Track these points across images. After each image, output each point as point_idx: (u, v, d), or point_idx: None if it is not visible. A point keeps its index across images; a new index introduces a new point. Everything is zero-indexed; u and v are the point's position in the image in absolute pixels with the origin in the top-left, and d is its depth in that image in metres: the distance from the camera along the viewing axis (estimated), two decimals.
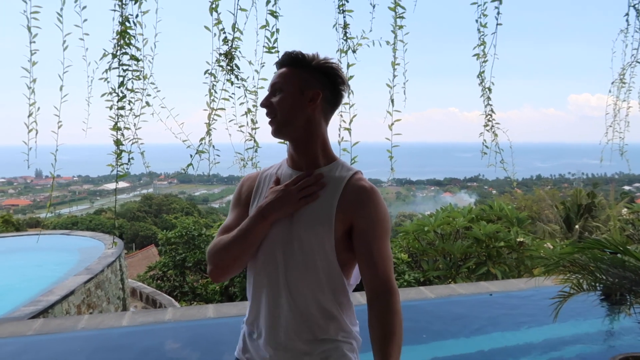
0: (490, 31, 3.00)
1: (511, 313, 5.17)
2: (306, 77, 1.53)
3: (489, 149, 3.11)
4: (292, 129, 1.55)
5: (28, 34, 2.57)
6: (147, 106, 2.76)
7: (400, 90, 3.02)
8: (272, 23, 2.91)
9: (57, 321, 5.07)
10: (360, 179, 1.55)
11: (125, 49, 2.65)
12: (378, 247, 1.50)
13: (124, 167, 2.73)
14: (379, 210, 1.52)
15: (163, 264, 11.53)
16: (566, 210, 20.99)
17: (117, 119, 2.69)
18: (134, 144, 2.77)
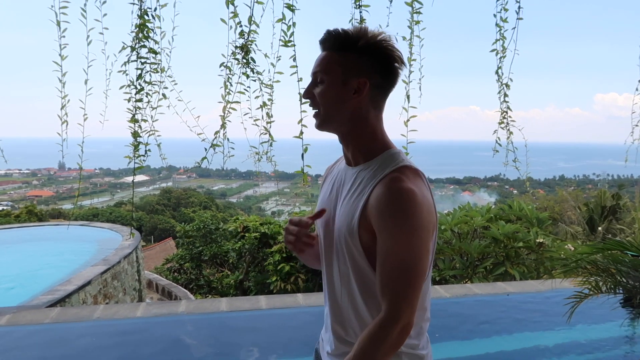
0: (510, 26, 2.92)
1: (528, 314, 5.08)
2: (350, 64, 1.36)
3: (503, 148, 3.03)
4: (336, 124, 1.42)
5: (57, 28, 2.60)
6: (164, 98, 2.76)
7: (416, 86, 2.97)
8: (289, 17, 2.88)
9: (73, 310, 5.15)
10: (393, 179, 1.31)
11: (143, 42, 2.66)
12: (392, 263, 1.29)
13: (141, 159, 2.74)
14: (402, 219, 1.27)
15: (180, 256, 11.66)
16: (589, 211, 20.56)
17: (135, 111, 2.70)
18: (151, 136, 2.77)
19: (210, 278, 11.33)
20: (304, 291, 8.47)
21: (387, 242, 1.29)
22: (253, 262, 9.63)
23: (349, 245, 1.38)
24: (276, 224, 9.83)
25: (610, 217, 19.77)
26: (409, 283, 1.27)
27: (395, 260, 1.27)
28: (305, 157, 2.96)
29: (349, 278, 1.42)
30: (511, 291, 5.72)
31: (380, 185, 1.32)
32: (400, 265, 1.27)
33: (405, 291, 1.27)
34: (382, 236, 1.30)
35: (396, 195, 1.28)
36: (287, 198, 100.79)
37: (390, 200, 1.28)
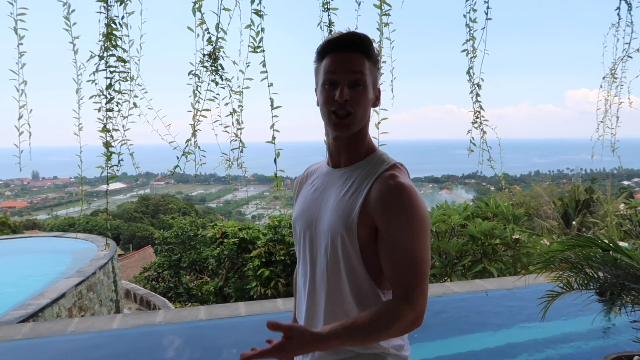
0: (480, 26, 2.95)
1: (506, 311, 5.16)
2: (376, 72, 1.43)
3: (477, 147, 3.06)
4: (359, 127, 1.44)
5: (16, 36, 2.53)
6: (134, 107, 2.71)
7: (388, 88, 2.97)
8: (257, 22, 2.86)
9: (46, 325, 5.01)
10: (391, 176, 1.37)
11: (111, 50, 2.61)
12: (403, 254, 1.32)
13: (114, 168, 2.69)
14: (408, 212, 1.33)
15: (158, 264, 11.50)
16: (564, 206, 21.01)
17: (106, 121, 2.65)
18: (124, 145, 2.72)
19: (189, 285, 11.19)
20: (285, 295, 8.42)
21: (396, 235, 1.33)
22: (232, 268, 9.55)
23: (345, 243, 1.39)
24: (255, 228, 9.78)
25: (584, 211, 20.24)
26: (421, 272, 1.32)
27: (405, 252, 1.32)
28: (281, 160, 2.95)
29: (340, 281, 1.42)
30: (489, 288, 5.79)
31: (379, 182, 1.37)
32: (410, 256, 1.32)
33: (418, 280, 1.31)
34: (389, 229, 1.33)
35: (399, 190, 1.34)
36: (266, 201, 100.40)
37: (395, 195, 1.33)
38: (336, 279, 1.42)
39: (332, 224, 1.41)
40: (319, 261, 1.47)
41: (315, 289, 1.48)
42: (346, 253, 1.39)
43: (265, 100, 2.76)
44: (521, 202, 22.16)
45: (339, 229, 1.39)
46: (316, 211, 1.50)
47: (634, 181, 76.21)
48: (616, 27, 3.05)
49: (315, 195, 1.53)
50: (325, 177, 1.53)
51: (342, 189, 1.44)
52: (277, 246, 8.73)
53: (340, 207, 1.41)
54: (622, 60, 3.15)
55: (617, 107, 3.32)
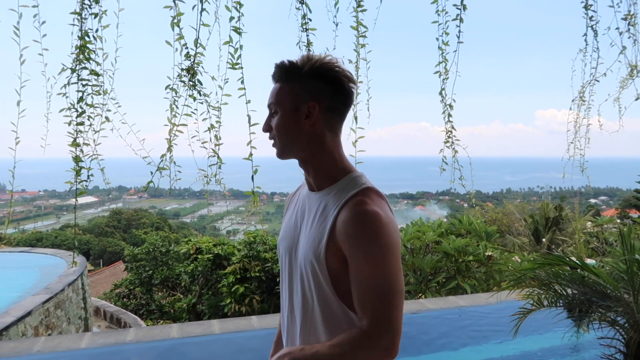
0: (452, 49, 3.04)
1: (479, 328, 5.20)
2: (298, 90, 1.39)
3: (449, 165, 3.13)
4: (294, 151, 1.44)
5: None
6: (107, 122, 2.68)
7: (364, 107, 3.02)
8: (236, 39, 2.88)
9: (10, 344, 4.83)
10: (358, 203, 1.32)
11: (84, 63, 2.58)
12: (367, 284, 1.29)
13: (84, 184, 2.63)
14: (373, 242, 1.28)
15: (129, 281, 11.23)
16: (535, 223, 21.45)
17: (76, 135, 2.60)
18: (94, 160, 2.67)
19: (161, 302, 10.95)
20: (259, 312, 8.33)
21: (361, 265, 1.29)
22: (206, 285, 9.40)
23: (315, 271, 1.37)
24: (230, 244, 9.66)
25: (554, 228, 20.69)
26: (387, 302, 1.27)
27: (371, 283, 1.28)
28: (258, 175, 2.95)
29: (313, 308, 1.41)
30: (462, 305, 5.85)
31: (345, 209, 1.33)
32: (375, 286, 1.28)
33: (386, 311, 1.27)
34: (355, 260, 1.30)
35: (363, 218, 1.29)
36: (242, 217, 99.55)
37: (358, 224, 1.29)
38: (310, 306, 1.42)
39: (305, 252, 1.41)
40: (295, 287, 1.47)
41: (294, 313, 1.49)
42: (317, 281, 1.38)
43: (242, 116, 2.77)
44: (493, 218, 22.52)
45: (309, 257, 1.38)
46: (295, 237, 1.49)
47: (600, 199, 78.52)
48: (583, 52, 3.19)
49: (296, 219, 1.53)
50: (304, 200, 1.52)
51: (314, 214, 1.43)
52: (252, 262, 8.65)
53: (311, 235, 1.40)
54: (589, 83, 3.28)
55: (586, 129, 3.45)
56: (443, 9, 2.97)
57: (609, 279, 2.40)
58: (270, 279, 8.70)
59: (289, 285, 1.49)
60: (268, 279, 8.66)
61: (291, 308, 1.49)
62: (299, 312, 1.45)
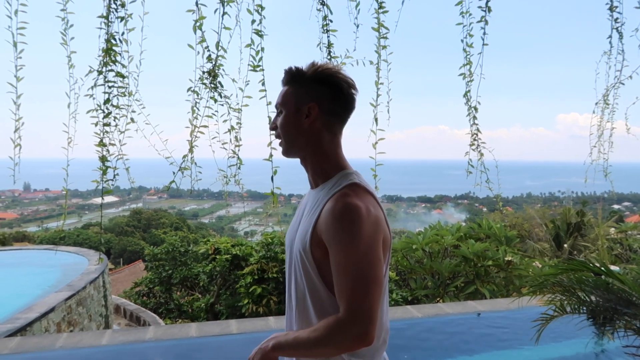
0: (476, 51, 3.01)
1: (498, 333, 5.14)
2: (300, 93, 1.52)
3: (475, 168, 3.10)
4: (297, 149, 1.56)
5: (14, 49, 2.55)
6: (132, 122, 2.73)
7: (384, 109, 3.02)
8: (257, 42, 2.91)
9: (34, 340, 4.93)
10: (341, 196, 1.42)
11: (110, 65, 2.63)
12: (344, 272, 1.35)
13: (109, 183, 2.69)
14: (349, 231, 1.36)
15: (149, 280, 11.37)
16: (556, 228, 21.08)
17: (103, 135, 2.66)
18: (119, 160, 2.73)
19: (180, 302, 11.06)
20: (277, 313, 8.34)
21: (339, 254, 1.37)
22: (224, 285, 9.46)
23: (304, 261, 1.47)
24: (248, 245, 9.72)
25: (576, 234, 20.31)
26: (363, 290, 1.33)
27: (346, 271, 1.35)
28: (277, 178, 2.97)
29: (305, 296, 1.50)
30: (481, 310, 5.77)
31: (330, 201, 1.43)
32: (352, 274, 1.34)
33: (359, 297, 1.32)
34: (333, 249, 1.39)
35: (342, 209, 1.38)
36: (259, 218, 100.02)
37: (336, 215, 1.38)
38: (302, 296, 1.52)
39: (296, 244, 1.52)
40: (292, 279, 1.58)
41: (291, 302, 1.59)
42: (306, 270, 1.47)
43: (261, 118, 2.80)
44: (513, 223, 22.20)
45: (298, 248, 1.49)
46: (294, 232, 1.60)
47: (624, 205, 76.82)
48: (608, 55, 3.13)
49: (298, 216, 1.64)
50: (307, 197, 1.63)
51: (310, 209, 1.53)
52: (269, 263, 8.68)
53: (302, 228, 1.51)
54: (614, 86, 3.22)
55: (610, 133, 3.38)
56: (467, 10, 2.95)
57: (634, 286, 2.34)
58: None
59: (288, 275, 1.60)
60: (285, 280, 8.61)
61: (289, 297, 1.60)
62: (294, 301, 1.56)
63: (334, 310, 1.42)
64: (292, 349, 1.44)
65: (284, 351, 1.45)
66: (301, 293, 1.51)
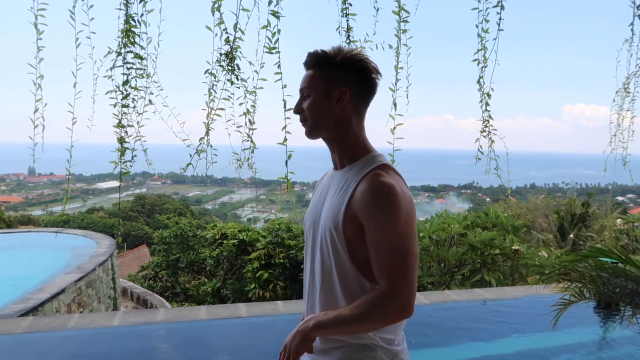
0: (491, 36, 2.98)
1: (505, 321, 5.16)
2: (331, 77, 1.54)
3: (485, 155, 3.08)
4: (322, 131, 1.59)
5: (35, 31, 2.54)
6: (149, 104, 2.73)
7: (403, 94, 3.00)
8: (274, 23, 2.88)
9: (46, 320, 4.99)
10: (375, 175, 1.47)
11: (129, 47, 2.62)
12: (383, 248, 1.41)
13: (127, 164, 2.70)
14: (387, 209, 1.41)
15: (156, 264, 11.45)
16: (560, 219, 21.08)
17: (121, 117, 2.66)
18: (137, 142, 2.73)
19: (186, 286, 11.15)
20: (282, 298, 8.41)
21: (377, 231, 1.41)
22: (231, 270, 9.52)
23: (334, 239, 1.50)
24: (254, 231, 9.77)
25: (580, 225, 20.30)
26: (402, 263, 1.39)
27: (387, 247, 1.40)
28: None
29: (331, 274, 1.53)
30: (488, 297, 5.80)
31: (364, 181, 1.46)
32: (392, 250, 1.39)
33: (401, 271, 1.39)
34: (371, 227, 1.43)
35: (379, 188, 1.42)
36: (263, 205, 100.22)
37: (374, 193, 1.42)
38: (328, 274, 1.54)
39: (325, 222, 1.55)
40: (316, 258, 1.60)
41: (314, 284, 1.61)
42: (335, 250, 1.50)
43: (273, 104, 2.79)
44: (517, 214, 22.19)
45: (328, 226, 1.52)
46: (318, 211, 1.63)
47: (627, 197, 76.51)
48: (630, 43, 3.08)
49: (321, 196, 1.67)
50: (329, 179, 1.67)
51: (337, 189, 1.57)
52: (276, 249, 8.72)
53: (331, 206, 1.54)
54: (635, 75, 3.18)
55: (630, 122, 3.35)
56: None
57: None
58: (294, 266, 8.77)
59: (312, 254, 1.63)
60: (292, 265, 8.74)
61: (312, 275, 1.62)
62: (318, 278, 1.58)
63: (359, 289, 1.48)
64: (334, 327, 1.46)
65: (326, 329, 1.47)
66: (327, 271, 1.54)
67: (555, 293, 3.00)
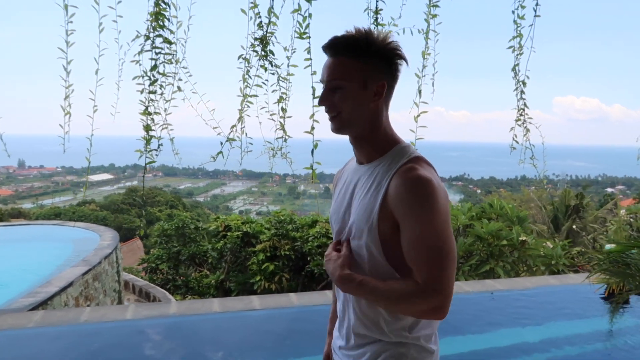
0: (527, 23, 2.92)
1: (516, 311, 5.18)
2: (369, 68, 1.40)
3: (521, 145, 3.03)
4: (356, 127, 1.46)
5: (64, 12, 2.44)
6: (178, 91, 2.63)
7: (429, 82, 2.93)
8: (305, 7, 2.80)
9: (58, 313, 4.91)
10: (409, 169, 1.36)
11: (158, 31, 2.52)
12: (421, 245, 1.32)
13: (153, 153, 2.60)
14: (424, 204, 1.32)
15: (156, 256, 11.35)
16: (554, 210, 21.26)
17: (148, 104, 2.56)
18: (164, 130, 2.63)
19: (187, 278, 11.07)
20: (288, 290, 8.37)
21: (414, 228, 1.32)
22: (235, 262, 9.46)
23: (367, 241, 1.41)
24: (258, 223, 9.70)
25: (574, 216, 20.49)
26: (441, 261, 1.30)
27: (424, 244, 1.31)
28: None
29: (364, 272, 1.44)
30: (499, 288, 5.81)
31: (397, 176, 1.36)
32: (430, 248, 1.30)
33: (440, 272, 1.29)
34: (408, 223, 1.34)
35: (415, 183, 1.32)
36: (254, 197, 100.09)
37: (411, 189, 1.33)
38: (360, 269, 1.45)
39: (356, 220, 1.45)
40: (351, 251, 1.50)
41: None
42: (369, 251, 1.42)
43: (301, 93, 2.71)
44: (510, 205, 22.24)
45: (361, 227, 1.42)
46: (346, 208, 1.53)
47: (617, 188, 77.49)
48: None
49: (346, 192, 1.56)
50: (353, 174, 1.56)
51: (366, 185, 1.46)
52: (281, 241, 8.67)
53: (363, 204, 1.43)
54: None
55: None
56: None
57: None
58: (299, 258, 8.73)
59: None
60: (297, 257, 8.70)
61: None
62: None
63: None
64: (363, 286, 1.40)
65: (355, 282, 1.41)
66: (360, 268, 1.45)
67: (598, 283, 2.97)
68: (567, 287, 5.84)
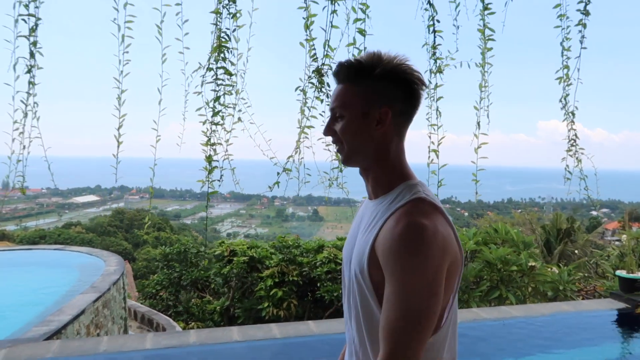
0: (574, 54, 2.99)
1: (534, 338, 5.19)
2: (368, 94, 1.29)
3: (572, 175, 3.08)
4: (362, 158, 1.35)
5: (119, 43, 2.45)
6: (239, 122, 2.63)
7: (484, 113, 2.98)
8: (360, 41, 2.85)
9: (75, 343, 4.78)
10: (405, 213, 1.22)
11: (220, 62, 2.53)
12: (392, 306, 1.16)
13: (214, 184, 2.58)
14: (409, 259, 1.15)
15: (156, 282, 11.13)
16: (546, 234, 21.49)
17: (210, 134, 2.56)
18: (225, 160, 2.62)
19: (189, 304, 10.84)
20: (296, 317, 8.27)
21: (394, 283, 1.17)
22: (241, 288, 9.32)
23: (360, 282, 1.30)
24: (263, 247, 9.60)
25: (566, 239, 20.72)
26: (413, 328, 1.14)
27: (398, 307, 1.15)
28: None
29: (359, 317, 1.34)
30: (516, 315, 5.81)
31: (392, 218, 1.23)
32: (403, 312, 1.15)
33: (407, 339, 1.14)
34: (389, 275, 1.19)
35: (405, 230, 1.17)
36: (242, 219, 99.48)
37: (398, 236, 1.18)
38: (357, 318, 1.35)
39: (353, 261, 1.35)
40: (346, 297, 1.42)
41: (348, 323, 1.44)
42: (362, 293, 1.30)
43: None
44: None
45: (354, 268, 1.32)
46: (351, 247, 1.41)
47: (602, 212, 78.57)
48: None
49: (354, 229, 1.46)
50: (364, 208, 1.45)
51: (367, 224, 1.35)
52: (289, 266, 8.59)
53: (359, 246, 1.33)
54: None
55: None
56: (564, 13, 2.95)
57: None
58: (307, 284, 8.63)
59: (345, 295, 1.44)
60: (305, 283, 8.60)
61: (348, 317, 1.43)
62: (352, 323, 1.40)
63: None
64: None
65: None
66: (356, 315, 1.35)
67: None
68: (581, 313, 5.90)
